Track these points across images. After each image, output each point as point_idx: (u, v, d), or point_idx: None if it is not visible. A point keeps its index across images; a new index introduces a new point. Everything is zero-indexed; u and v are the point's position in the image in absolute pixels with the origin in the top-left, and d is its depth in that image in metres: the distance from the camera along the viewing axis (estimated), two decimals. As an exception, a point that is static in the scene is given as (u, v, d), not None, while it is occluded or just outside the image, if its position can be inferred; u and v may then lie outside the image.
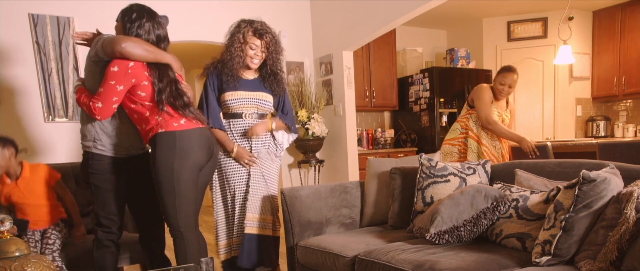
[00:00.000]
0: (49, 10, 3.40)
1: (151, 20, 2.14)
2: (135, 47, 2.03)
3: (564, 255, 1.66)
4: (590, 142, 3.77)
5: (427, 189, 2.36)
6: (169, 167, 2.07)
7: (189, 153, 2.10)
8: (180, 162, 2.08)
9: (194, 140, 2.12)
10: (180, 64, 2.26)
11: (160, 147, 2.08)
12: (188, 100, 2.17)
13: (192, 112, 2.15)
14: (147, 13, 2.14)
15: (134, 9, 2.14)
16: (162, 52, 2.15)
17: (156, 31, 2.15)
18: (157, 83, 2.08)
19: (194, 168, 2.14)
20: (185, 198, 2.12)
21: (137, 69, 2.05)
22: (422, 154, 2.49)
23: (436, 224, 2.03)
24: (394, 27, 4.24)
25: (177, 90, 2.13)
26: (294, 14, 4.63)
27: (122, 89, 2.06)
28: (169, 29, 2.30)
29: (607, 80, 5.64)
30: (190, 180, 2.13)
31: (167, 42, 2.22)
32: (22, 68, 3.34)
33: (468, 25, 6.03)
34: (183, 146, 2.08)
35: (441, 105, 5.30)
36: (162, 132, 2.08)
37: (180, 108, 2.11)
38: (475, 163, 2.48)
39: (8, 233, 1.51)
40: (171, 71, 2.15)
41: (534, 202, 1.94)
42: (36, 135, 3.42)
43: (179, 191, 2.10)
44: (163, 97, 2.08)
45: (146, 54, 2.06)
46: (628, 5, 5.31)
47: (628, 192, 1.58)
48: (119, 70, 2.02)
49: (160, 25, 2.18)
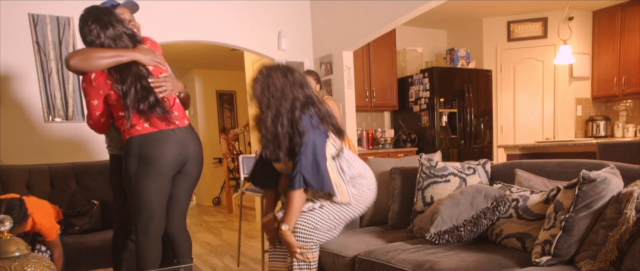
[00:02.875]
0: (49, 10, 3.39)
1: (97, 23, 1.97)
2: (84, 60, 1.93)
3: (564, 255, 1.66)
4: (590, 142, 3.77)
5: (427, 189, 2.36)
6: (131, 175, 2.02)
7: (151, 160, 1.99)
8: (141, 170, 2.00)
9: (158, 144, 2.00)
10: (153, 54, 2.08)
11: (126, 153, 2.04)
12: (155, 99, 2.01)
13: (159, 112, 2.00)
14: (91, 15, 1.98)
15: (82, 17, 2.00)
16: (120, 51, 1.98)
17: (106, 32, 1.97)
18: (120, 87, 1.96)
19: (159, 175, 2.03)
20: (147, 206, 2.05)
21: (99, 80, 1.97)
22: (422, 154, 2.49)
23: (436, 224, 2.03)
24: (394, 27, 4.24)
25: (143, 88, 1.99)
26: (294, 14, 4.63)
27: (98, 103, 2.01)
28: (168, 29, 2.25)
29: (607, 80, 5.64)
30: (155, 189, 2.03)
31: (126, 36, 2.02)
32: (22, 69, 3.34)
33: (468, 25, 6.03)
34: (145, 153, 1.99)
35: (441, 105, 5.29)
36: (128, 137, 2.03)
37: (144, 112, 1.97)
38: (476, 163, 2.48)
39: (8, 233, 1.51)
40: (137, 67, 2.01)
41: (534, 202, 1.94)
42: (36, 135, 3.42)
43: (139, 198, 2.04)
44: (128, 101, 1.96)
45: (101, 61, 1.94)
46: (628, 5, 5.31)
47: (628, 192, 1.58)
48: (86, 86, 1.99)
49: (110, 24, 1.98)
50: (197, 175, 2.22)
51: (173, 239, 2.24)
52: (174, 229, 2.23)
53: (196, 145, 2.17)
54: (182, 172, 2.15)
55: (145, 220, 2.07)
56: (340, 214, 2.14)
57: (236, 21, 4.28)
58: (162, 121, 2.02)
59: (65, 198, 2.97)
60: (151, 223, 2.08)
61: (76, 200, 3.00)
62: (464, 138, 5.48)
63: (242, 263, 3.76)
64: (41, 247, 2.47)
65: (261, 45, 4.47)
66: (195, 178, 2.23)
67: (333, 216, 2.12)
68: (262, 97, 2.03)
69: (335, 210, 2.12)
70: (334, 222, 2.13)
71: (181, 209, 2.24)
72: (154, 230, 2.11)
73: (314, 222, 2.06)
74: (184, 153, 2.09)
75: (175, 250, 2.26)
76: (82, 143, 3.52)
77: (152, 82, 2.04)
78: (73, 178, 3.06)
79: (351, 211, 2.17)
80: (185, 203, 2.26)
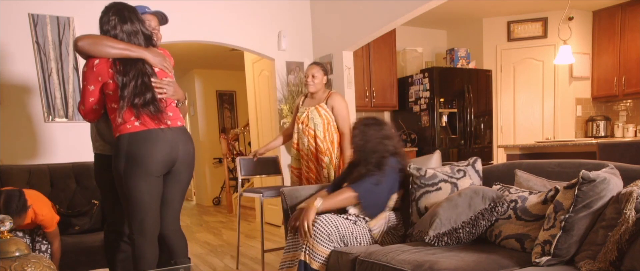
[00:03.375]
0: (49, 10, 3.40)
1: (117, 15, 2.01)
2: (93, 44, 1.94)
3: (563, 255, 1.66)
4: (590, 142, 3.77)
5: (420, 200, 2.36)
6: (120, 173, 2.01)
7: (139, 159, 1.98)
8: (130, 168, 1.99)
9: (146, 143, 1.99)
10: (162, 58, 2.12)
11: (115, 151, 2.03)
12: (152, 96, 2.01)
13: (151, 110, 2.00)
14: (114, 8, 2.04)
15: (105, 7, 2.06)
16: (131, 47, 2.01)
17: (124, 26, 2.02)
18: (120, 78, 1.96)
19: (147, 175, 2.01)
20: (139, 205, 2.04)
21: (101, 66, 1.97)
22: (411, 164, 2.48)
23: (435, 227, 2.03)
24: (394, 27, 4.24)
25: (143, 84, 2.00)
26: (294, 14, 4.63)
27: (94, 89, 2.00)
28: (168, 29, 2.26)
29: (607, 80, 5.64)
30: (144, 188, 2.02)
31: (142, 35, 2.07)
32: (22, 69, 3.34)
33: (468, 25, 6.03)
34: (133, 151, 1.98)
35: (441, 105, 5.29)
36: (118, 135, 2.02)
37: (139, 106, 1.98)
38: (465, 164, 2.47)
39: (8, 233, 1.52)
40: (143, 65, 2.03)
41: (533, 202, 1.94)
42: (36, 135, 3.42)
43: (130, 197, 2.03)
44: (126, 92, 1.96)
45: (110, 49, 1.96)
46: (628, 5, 5.31)
47: (628, 192, 1.58)
48: (86, 70, 1.99)
49: (130, 20, 2.04)
50: (186, 176, 2.20)
51: (168, 241, 2.23)
52: (168, 231, 2.22)
53: (187, 146, 2.15)
54: (172, 172, 2.13)
55: (139, 220, 2.06)
56: (360, 235, 2.32)
57: (236, 21, 4.28)
58: (152, 120, 2.01)
59: (65, 198, 2.97)
60: (145, 223, 2.07)
61: (76, 200, 3.00)
62: (464, 138, 5.48)
63: (241, 263, 3.76)
64: (42, 244, 2.47)
65: (261, 45, 4.47)
66: (185, 180, 2.21)
67: (355, 232, 2.30)
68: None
69: (359, 230, 2.32)
70: (350, 237, 2.28)
71: (173, 211, 2.23)
72: (149, 230, 2.10)
73: (338, 224, 2.24)
74: (173, 154, 2.08)
75: (171, 251, 2.25)
76: (82, 143, 3.52)
77: (154, 82, 2.05)
78: (73, 178, 3.06)
79: (366, 237, 2.35)
80: (177, 205, 2.25)
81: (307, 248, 2.21)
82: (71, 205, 2.97)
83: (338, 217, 2.29)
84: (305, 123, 3.25)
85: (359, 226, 2.32)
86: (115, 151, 2.03)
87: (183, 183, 2.21)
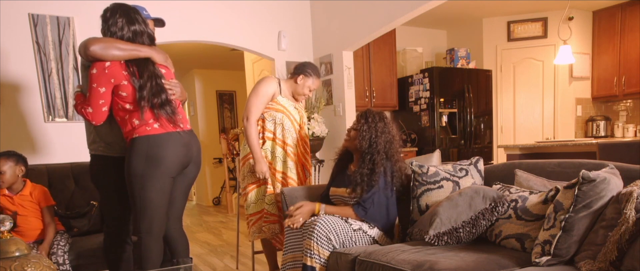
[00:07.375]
0: (49, 10, 3.39)
1: (124, 17, 2.06)
2: (105, 48, 1.97)
3: (563, 255, 1.66)
4: (590, 142, 3.77)
5: (421, 197, 2.36)
6: (138, 174, 2.04)
7: (159, 161, 2.04)
8: (149, 169, 2.03)
9: (166, 146, 2.06)
10: (165, 56, 2.18)
11: (132, 152, 2.05)
12: (166, 98, 2.09)
13: (168, 111, 2.07)
14: (121, 10, 2.08)
15: (109, 8, 2.09)
16: (138, 47, 2.07)
17: (131, 27, 2.07)
18: (136, 80, 2.01)
19: (164, 176, 2.08)
20: (151, 205, 2.08)
21: (114, 68, 2.00)
22: (413, 161, 2.47)
23: (435, 226, 2.03)
24: (394, 27, 4.24)
25: (158, 85, 2.06)
26: (294, 14, 4.63)
27: (105, 91, 2.02)
28: (168, 29, 2.28)
29: (607, 80, 5.64)
30: (159, 188, 2.07)
31: (146, 36, 2.12)
32: (22, 68, 3.34)
33: (468, 25, 6.03)
34: (154, 153, 2.03)
35: (441, 105, 5.30)
36: (136, 137, 2.05)
37: (157, 107, 2.04)
38: (467, 163, 2.47)
39: (8, 233, 1.52)
40: (152, 65, 2.09)
41: (533, 202, 1.94)
42: (36, 135, 3.42)
43: (145, 198, 2.06)
44: (144, 93, 2.01)
45: (119, 52, 2.00)
46: (628, 5, 5.31)
47: (628, 192, 1.58)
48: (97, 72, 2.00)
49: (137, 21, 2.09)
50: (194, 176, 2.30)
51: (171, 239, 2.27)
52: (172, 229, 2.26)
53: (198, 148, 2.25)
54: (183, 173, 2.20)
55: (149, 219, 2.10)
56: (358, 238, 2.28)
57: (236, 21, 4.28)
58: (169, 122, 2.09)
59: (64, 198, 2.94)
60: (154, 222, 2.12)
61: (75, 200, 2.98)
62: (464, 138, 5.48)
63: (241, 263, 3.76)
64: (59, 244, 2.54)
65: (261, 45, 4.47)
66: (192, 180, 2.30)
67: (354, 237, 2.27)
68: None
69: (359, 235, 2.28)
70: (349, 241, 2.26)
71: (178, 210, 2.29)
72: (157, 229, 2.14)
73: (338, 228, 2.21)
74: (188, 155, 2.17)
75: (173, 250, 2.29)
76: (82, 143, 3.51)
77: (164, 83, 2.12)
78: (71, 178, 3.04)
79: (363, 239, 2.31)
80: (182, 204, 2.31)
81: (310, 252, 2.17)
82: (70, 205, 2.94)
83: (339, 220, 2.27)
84: (302, 127, 3.05)
85: (358, 232, 2.29)
86: (130, 152, 2.05)
87: (190, 183, 2.30)
